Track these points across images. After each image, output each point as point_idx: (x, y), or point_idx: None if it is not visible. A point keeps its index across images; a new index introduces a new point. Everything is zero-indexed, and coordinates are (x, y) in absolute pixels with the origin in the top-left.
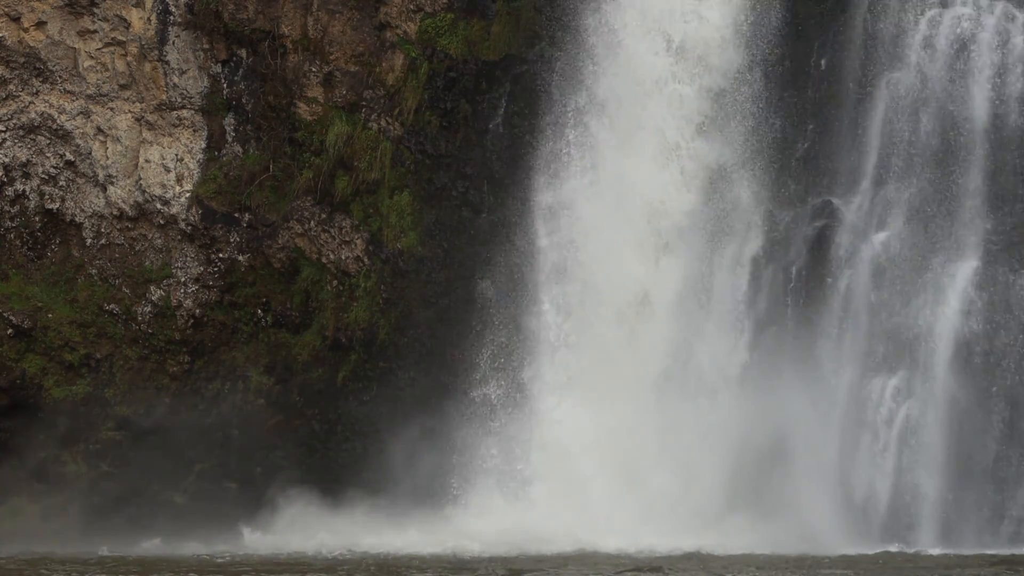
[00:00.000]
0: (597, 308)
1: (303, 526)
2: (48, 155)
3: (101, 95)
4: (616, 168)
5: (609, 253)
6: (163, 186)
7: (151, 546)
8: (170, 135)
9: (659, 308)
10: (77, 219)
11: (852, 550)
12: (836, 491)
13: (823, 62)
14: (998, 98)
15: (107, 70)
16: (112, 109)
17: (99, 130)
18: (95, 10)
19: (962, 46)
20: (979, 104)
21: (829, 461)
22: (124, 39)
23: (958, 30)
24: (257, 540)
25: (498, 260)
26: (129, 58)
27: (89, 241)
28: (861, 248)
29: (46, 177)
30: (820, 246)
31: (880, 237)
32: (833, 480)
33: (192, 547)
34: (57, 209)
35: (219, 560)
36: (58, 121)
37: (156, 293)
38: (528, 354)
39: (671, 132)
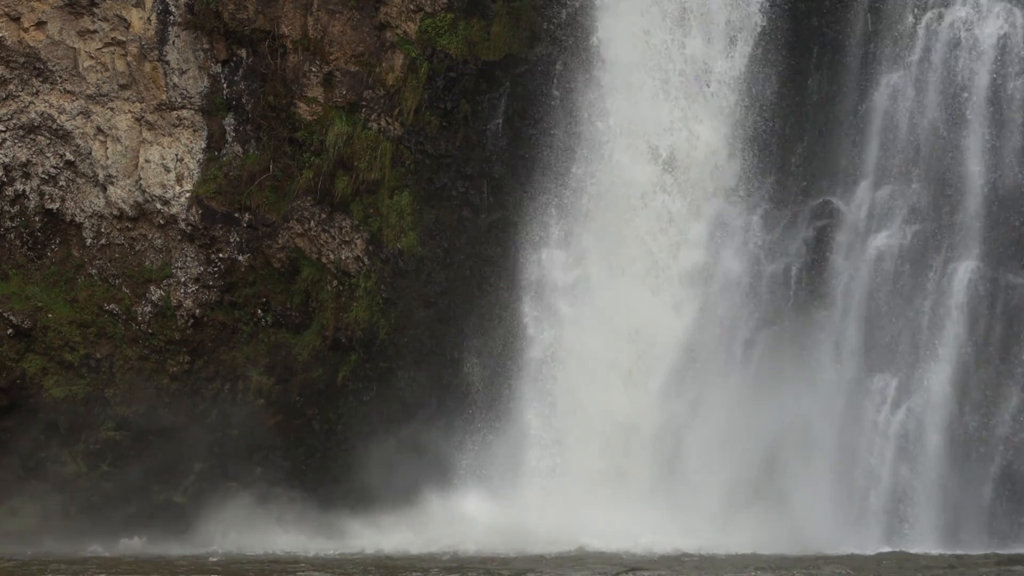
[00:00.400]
0: (582, 439)
1: (302, 525)
2: (48, 155)
3: (101, 95)
4: (602, 284)
5: (595, 379)
6: (163, 186)
7: (136, 544)
8: (170, 135)
9: (647, 435)
10: (77, 219)
11: (852, 550)
12: (836, 491)
13: (823, 63)
14: (999, 96)
15: (107, 70)
16: (112, 109)
17: (99, 130)
18: (95, 10)
19: (962, 46)
20: (979, 103)
21: (829, 461)
22: (124, 39)
23: (958, 30)
24: (254, 539)
25: (486, 340)
26: (129, 58)
27: (89, 241)
28: (861, 248)
29: (46, 177)
30: (820, 246)
31: (880, 237)
32: (833, 480)
33: (187, 547)
34: (57, 209)
35: (212, 559)
36: (58, 121)
37: (156, 293)
38: (509, 472)
39: (662, 256)
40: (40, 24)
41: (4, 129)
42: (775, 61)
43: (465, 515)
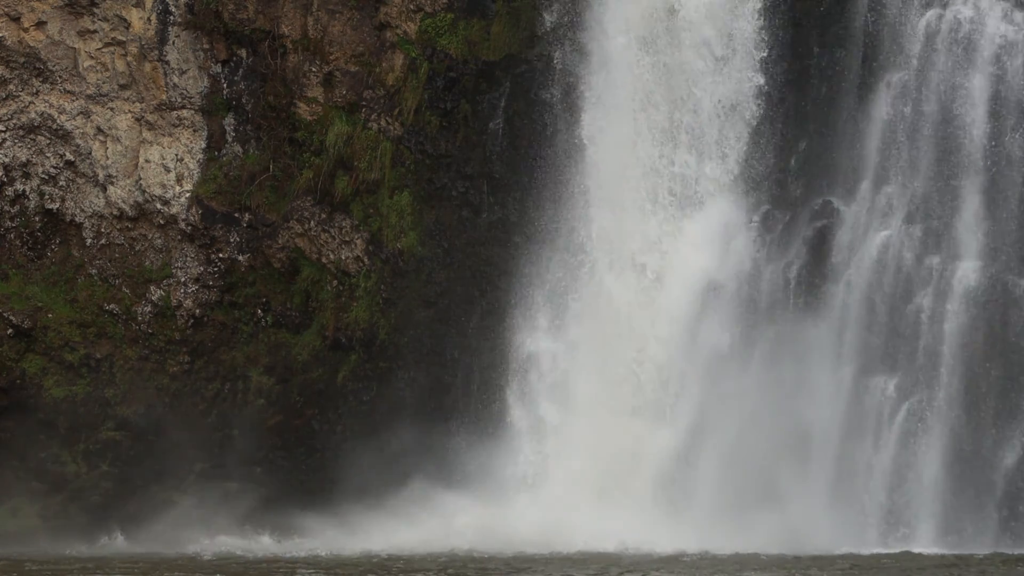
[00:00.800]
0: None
1: (299, 525)
2: (48, 155)
3: (101, 95)
4: (587, 405)
5: (582, 511)
6: (163, 186)
7: (119, 543)
8: (170, 135)
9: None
10: (77, 219)
11: (852, 549)
12: (836, 490)
13: (823, 64)
14: (998, 97)
15: (107, 70)
16: (112, 109)
17: (99, 130)
18: (95, 10)
19: (962, 45)
20: (979, 103)
21: (829, 460)
22: (124, 39)
23: (958, 30)
24: (253, 539)
25: (475, 411)
26: (129, 58)
27: (89, 241)
28: (861, 248)
29: (46, 177)
30: (820, 246)
31: (880, 237)
32: (833, 479)
33: (178, 546)
34: (57, 209)
35: (206, 557)
36: (58, 121)
37: (156, 293)
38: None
39: (651, 386)
40: (40, 24)
41: (4, 129)
42: (771, 133)
43: (464, 515)
